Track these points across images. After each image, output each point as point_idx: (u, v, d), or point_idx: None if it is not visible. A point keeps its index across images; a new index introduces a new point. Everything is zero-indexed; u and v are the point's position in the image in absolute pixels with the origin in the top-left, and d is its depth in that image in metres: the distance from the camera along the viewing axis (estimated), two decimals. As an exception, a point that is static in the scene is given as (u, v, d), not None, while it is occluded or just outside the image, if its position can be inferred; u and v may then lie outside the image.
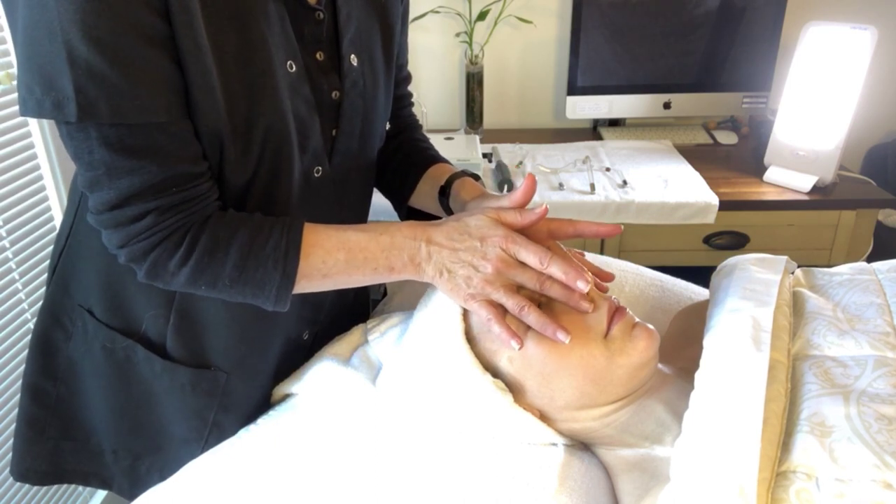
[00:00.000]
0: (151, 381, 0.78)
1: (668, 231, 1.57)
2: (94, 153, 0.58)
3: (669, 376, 0.71)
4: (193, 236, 0.63)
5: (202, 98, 0.60)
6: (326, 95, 0.73)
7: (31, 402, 0.84)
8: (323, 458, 0.70)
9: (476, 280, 0.65)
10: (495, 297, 0.65)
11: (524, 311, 0.64)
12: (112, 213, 0.60)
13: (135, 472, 0.85)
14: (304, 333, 0.85)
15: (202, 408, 0.79)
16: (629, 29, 1.82)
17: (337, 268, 0.66)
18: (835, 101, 1.51)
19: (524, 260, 0.65)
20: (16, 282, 1.31)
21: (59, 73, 0.54)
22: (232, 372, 0.78)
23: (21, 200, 1.31)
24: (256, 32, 0.63)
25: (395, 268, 0.67)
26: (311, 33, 0.70)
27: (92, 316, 0.78)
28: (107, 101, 0.55)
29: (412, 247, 0.66)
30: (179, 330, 0.75)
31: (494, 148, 1.82)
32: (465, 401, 0.68)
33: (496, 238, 0.65)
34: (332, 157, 0.75)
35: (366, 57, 0.76)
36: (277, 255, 0.64)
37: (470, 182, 0.84)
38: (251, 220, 0.66)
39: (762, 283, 0.71)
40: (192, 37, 0.58)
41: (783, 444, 0.54)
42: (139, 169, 0.59)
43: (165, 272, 0.63)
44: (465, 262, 0.65)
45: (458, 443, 0.69)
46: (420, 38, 1.97)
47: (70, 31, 0.53)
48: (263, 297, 0.65)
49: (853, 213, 1.56)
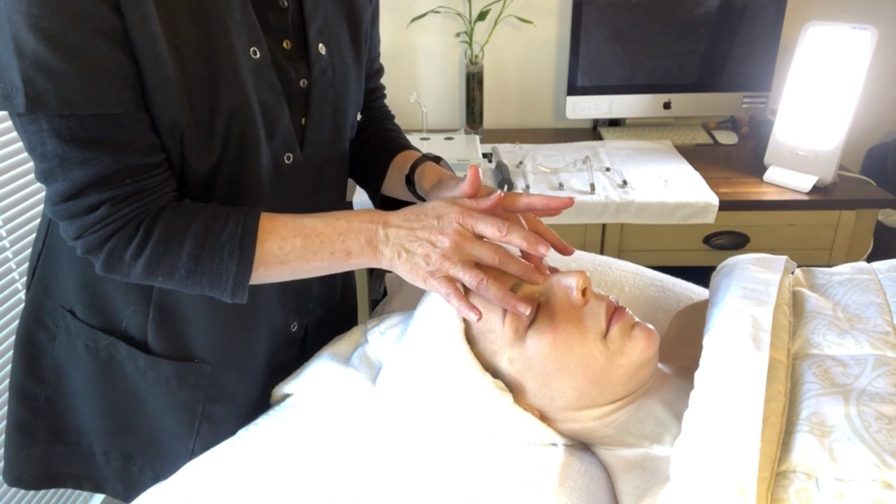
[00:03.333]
0: (136, 378, 0.78)
1: (668, 231, 1.57)
2: (46, 144, 0.58)
3: (669, 376, 0.71)
4: (148, 226, 0.62)
5: (157, 88, 0.60)
6: (294, 83, 0.73)
7: (20, 406, 0.83)
8: (323, 458, 0.69)
9: (434, 257, 0.63)
10: (453, 272, 0.63)
11: (483, 285, 0.63)
12: (66, 205, 0.60)
13: (127, 472, 0.85)
14: (293, 325, 0.84)
15: (189, 400, 0.79)
16: (629, 29, 1.82)
17: (294, 254, 0.65)
18: (835, 101, 1.51)
19: (482, 232, 0.64)
20: (16, 282, 1.31)
21: (7, 65, 0.54)
22: (216, 363, 0.78)
23: (21, 200, 1.31)
24: (215, 19, 0.63)
25: (352, 252, 0.65)
26: (276, 21, 0.70)
27: (73, 316, 0.78)
28: (56, 93, 0.55)
29: (369, 230, 0.65)
30: (159, 324, 0.75)
31: (494, 148, 1.82)
32: (465, 401, 0.68)
33: (453, 214, 0.64)
34: (304, 146, 0.76)
35: (334, 47, 0.77)
36: (233, 244, 0.63)
37: (430, 167, 0.82)
38: (207, 209, 0.65)
39: (762, 282, 0.71)
40: (145, 28, 0.58)
41: (783, 444, 0.54)
42: (91, 160, 0.59)
43: (122, 263, 0.63)
44: (423, 239, 0.64)
45: (458, 443, 0.69)
46: (420, 38, 1.98)
47: (17, 23, 0.53)
48: (220, 287, 0.64)
49: (853, 213, 1.56)
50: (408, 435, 0.71)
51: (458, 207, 0.65)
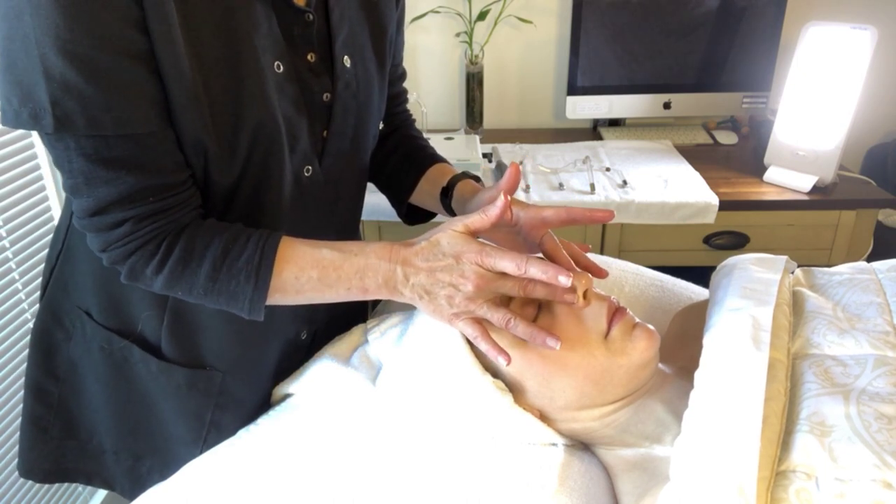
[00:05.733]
0: (148, 382, 0.78)
1: (668, 231, 1.57)
2: (72, 162, 0.59)
3: (669, 376, 0.71)
4: (169, 245, 0.63)
5: (183, 107, 0.60)
6: (317, 97, 0.73)
7: (35, 401, 0.84)
8: (323, 458, 0.69)
9: (458, 299, 0.64)
10: (480, 313, 0.64)
11: (511, 324, 0.63)
12: (92, 220, 0.61)
13: (136, 472, 0.85)
14: (302, 333, 0.85)
15: (199, 408, 0.79)
16: (629, 29, 1.82)
17: (310, 285, 0.65)
18: (835, 101, 1.51)
19: (501, 268, 0.63)
20: (16, 282, 1.31)
21: (36, 86, 0.55)
22: (228, 371, 0.78)
23: (21, 201, 1.31)
24: (241, 34, 0.63)
25: (368, 289, 0.66)
26: (302, 34, 0.70)
27: (90, 317, 0.78)
28: (83, 114, 0.56)
29: (387, 269, 0.65)
30: (173, 330, 0.75)
31: (494, 148, 1.82)
32: (466, 401, 0.68)
33: (470, 255, 0.63)
34: (324, 158, 0.75)
35: (359, 58, 0.76)
36: (250, 269, 0.64)
37: (471, 184, 0.84)
38: (228, 230, 0.65)
39: (762, 282, 0.71)
40: (171, 48, 0.58)
41: (783, 444, 0.54)
42: (115, 179, 0.59)
43: (144, 277, 0.64)
44: (445, 282, 0.64)
45: (458, 443, 0.69)
46: (420, 38, 1.98)
47: (45, 45, 0.53)
48: (237, 307, 0.65)
49: (853, 213, 1.56)
50: (408, 435, 0.71)
51: (476, 246, 0.64)
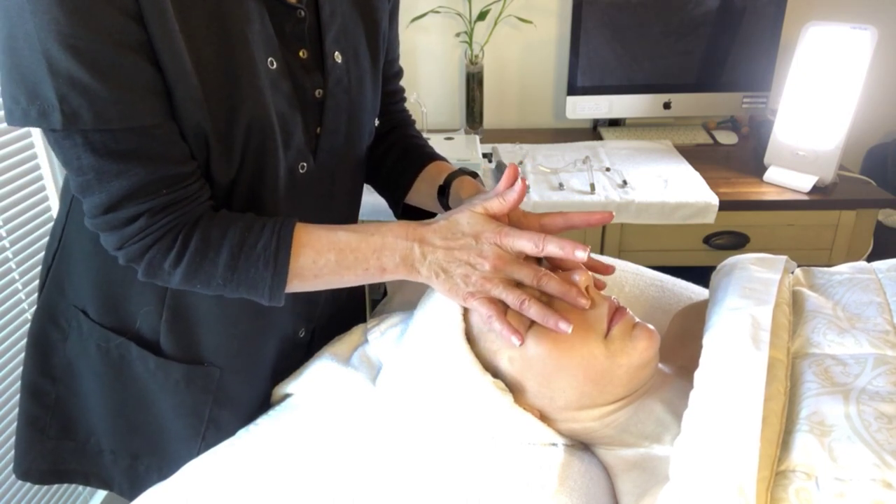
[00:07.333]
0: (146, 380, 0.78)
1: (668, 231, 1.57)
2: (81, 159, 0.59)
3: (669, 376, 0.71)
4: (185, 237, 0.63)
5: (183, 98, 0.61)
6: (309, 93, 0.73)
7: (32, 402, 0.84)
8: (323, 458, 0.69)
9: (474, 278, 0.64)
10: (495, 293, 0.64)
11: (525, 305, 0.64)
12: (105, 217, 0.61)
13: (134, 472, 0.85)
14: (301, 331, 0.85)
15: (197, 404, 0.79)
16: (629, 29, 1.82)
17: (328, 268, 0.66)
18: (835, 101, 1.51)
19: (520, 247, 0.65)
20: (16, 282, 1.31)
21: (42, 83, 0.55)
22: (226, 368, 0.78)
23: (21, 200, 1.31)
24: (235, 31, 0.63)
25: (386, 269, 0.66)
26: (293, 31, 0.70)
27: (86, 316, 0.78)
28: (89, 109, 0.56)
29: (404, 247, 0.66)
30: (171, 326, 0.75)
31: (494, 148, 1.82)
32: (465, 401, 0.68)
33: (490, 234, 0.65)
34: (318, 154, 0.75)
35: (351, 54, 0.76)
36: (268, 256, 0.64)
37: (469, 181, 0.83)
38: (242, 219, 0.66)
39: (761, 281, 0.71)
40: (168, 39, 0.58)
41: (782, 443, 0.54)
42: (126, 172, 0.59)
43: (162, 271, 0.64)
44: (462, 260, 0.65)
45: (458, 443, 0.69)
46: (420, 38, 1.98)
47: (47, 41, 0.53)
48: (258, 294, 0.66)
49: (853, 213, 1.56)
50: (408, 435, 0.71)
51: (495, 226, 0.65)
